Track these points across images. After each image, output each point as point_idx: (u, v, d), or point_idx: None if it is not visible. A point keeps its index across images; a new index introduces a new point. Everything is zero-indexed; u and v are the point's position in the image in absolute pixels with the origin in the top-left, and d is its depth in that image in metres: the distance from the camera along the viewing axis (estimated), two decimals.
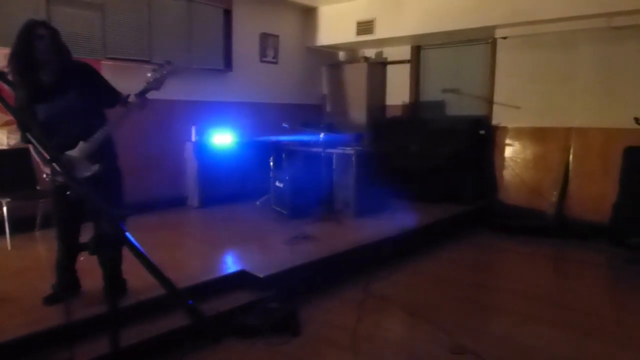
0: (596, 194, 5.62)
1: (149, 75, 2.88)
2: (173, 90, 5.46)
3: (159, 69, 2.89)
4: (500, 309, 3.66)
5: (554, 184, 5.95)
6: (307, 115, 7.15)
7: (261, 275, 3.48)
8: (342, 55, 7.97)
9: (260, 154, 6.09)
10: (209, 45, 6.14)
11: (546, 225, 5.73)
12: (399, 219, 5.21)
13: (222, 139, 6.02)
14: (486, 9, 5.78)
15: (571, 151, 5.90)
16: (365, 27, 6.85)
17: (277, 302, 3.25)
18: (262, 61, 6.88)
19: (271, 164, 5.63)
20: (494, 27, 6.03)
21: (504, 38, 6.19)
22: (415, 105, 7.19)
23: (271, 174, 5.58)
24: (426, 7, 6.28)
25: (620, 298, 3.97)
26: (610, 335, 3.19)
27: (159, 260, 1.19)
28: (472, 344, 3.00)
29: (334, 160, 5.50)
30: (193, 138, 5.86)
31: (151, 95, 2.94)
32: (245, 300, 3.27)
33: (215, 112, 6.26)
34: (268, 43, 6.93)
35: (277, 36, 7.04)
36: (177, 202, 5.89)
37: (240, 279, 3.53)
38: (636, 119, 5.10)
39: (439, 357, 2.89)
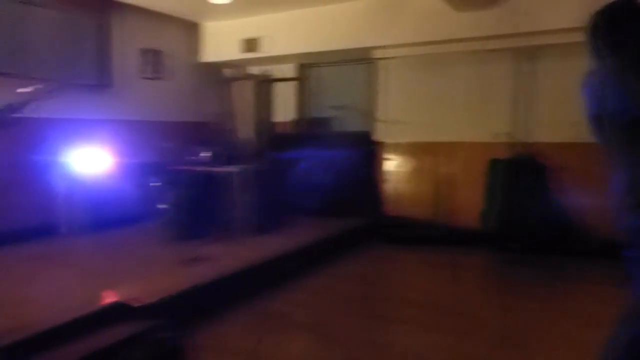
0: (468, 203, 6.11)
1: (21, 91, 2.55)
2: (42, 107, 4.94)
3: (33, 91, 2.56)
4: (395, 319, 3.77)
5: (435, 195, 6.38)
6: (196, 132, 6.91)
7: (145, 304, 3.21)
8: (229, 72, 7.85)
9: (145, 175, 5.72)
10: (84, 59, 5.68)
11: (433, 235, 6.09)
12: (295, 235, 5.21)
13: (100, 159, 5.56)
14: (366, 31, 6.10)
15: (445, 164, 6.38)
16: (250, 44, 6.85)
17: (165, 332, 3.03)
18: (145, 77, 6.53)
19: (155, 185, 5.31)
20: (373, 48, 6.36)
21: (384, 58, 6.56)
22: (304, 122, 7.31)
23: (156, 196, 5.26)
24: (310, 27, 6.46)
25: (501, 299, 4.28)
26: (495, 335, 3.42)
27: (23, 298, 1.02)
28: (369, 357, 3.05)
29: (225, 178, 5.35)
30: (66, 159, 5.33)
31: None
32: (127, 333, 3.00)
33: (92, 130, 5.75)
34: (151, 58, 6.60)
35: (160, 51, 6.74)
36: (46, 230, 5.27)
37: (121, 310, 3.23)
38: (500, 135, 5.70)
39: None
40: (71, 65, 5.52)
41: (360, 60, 6.88)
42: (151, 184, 5.29)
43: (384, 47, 6.26)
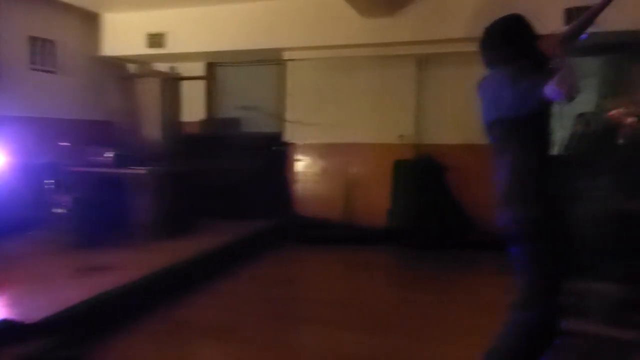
0: (375, 202, 6.34)
1: None
2: None
3: None
4: (306, 319, 3.83)
5: (341, 194, 6.55)
6: (97, 132, 6.48)
7: (34, 321, 2.95)
8: (133, 67, 7.46)
9: (35, 177, 5.25)
10: None
11: (342, 234, 6.24)
12: (202, 238, 5.08)
13: None
14: (274, 32, 6.10)
15: (353, 164, 6.58)
16: (156, 39, 6.57)
17: (63, 350, 2.82)
18: (34, 69, 6.00)
19: (49, 186, 4.92)
20: (282, 49, 6.38)
21: (292, 60, 6.60)
22: (213, 122, 7.16)
23: (50, 199, 4.87)
24: (218, 25, 6.33)
25: (407, 293, 4.47)
26: (403, 328, 3.59)
27: None
28: (281, 359, 3.07)
29: (130, 181, 5.09)
30: None
31: None
32: (19, 355, 2.75)
33: None
34: (40, 48, 6.07)
35: (52, 41, 6.22)
36: None
37: (11, 329, 2.95)
38: (401, 137, 6.00)
39: None
40: None
41: (269, 61, 6.87)
42: (45, 186, 4.88)
43: (293, 48, 6.31)
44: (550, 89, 1.92)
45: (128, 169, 5.12)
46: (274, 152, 6.67)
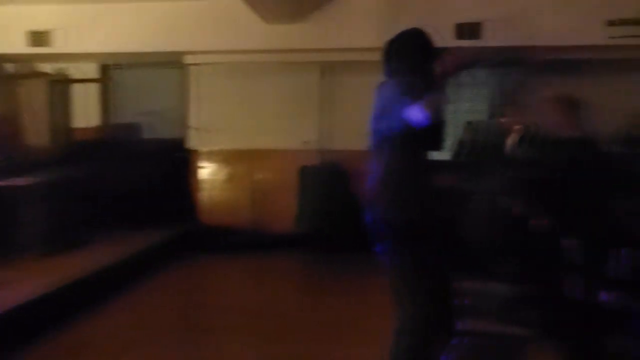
0: (282, 208, 6.32)
1: None
2: None
3: None
4: (213, 329, 3.69)
5: (251, 201, 6.46)
6: None
7: None
8: (12, 67, 6.76)
9: None
10: None
11: (244, 241, 6.13)
12: (101, 251, 4.71)
13: None
14: (175, 34, 5.87)
15: (259, 171, 6.52)
16: (40, 37, 6.01)
17: None
18: None
19: None
20: (184, 53, 6.15)
21: (195, 64, 6.39)
22: (110, 128, 6.70)
23: None
24: (114, 25, 5.95)
25: (314, 298, 4.50)
26: (312, 333, 3.58)
27: None
28: None
29: (11, 192, 4.57)
30: None
31: None
32: None
33: None
34: None
35: None
36: None
37: None
38: (306, 142, 6.07)
39: None
40: None
41: (170, 64, 6.59)
42: None
43: (196, 52, 6.11)
44: (415, 111, 1.97)
45: (10, 180, 4.61)
46: (177, 158, 6.39)
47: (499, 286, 2.33)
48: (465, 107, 6.25)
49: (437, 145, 2.28)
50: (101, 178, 5.76)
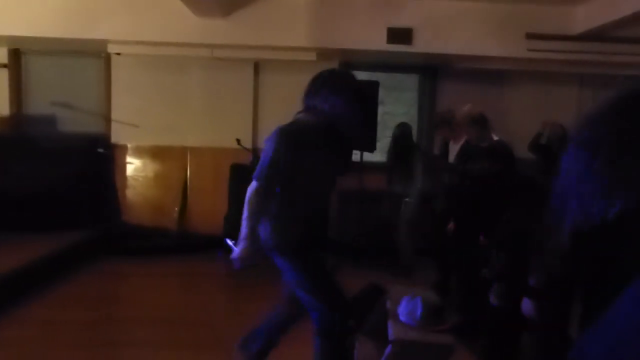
0: (212, 208, 6.11)
1: None
2: None
3: None
4: (125, 343, 3.49)
5: (175, 200, 6.19)
6: None
7: None
8: None
9: None
10: None
11: (169, 243, 5.87)
12: (2, 257, 4.28)
13: None
14: (97, 21, 5.47)
15: (188, 169, 6.27)
16: None
17: None
18: None
19: None
20: (106, 41, 5.76)
21: (118, 54, 6.01)
22: (20, 119, 6.16)
23: None
24: (28, 5, 5.43)
25: (236, 304, 4.39)
26: (233, 343, 3.43)
27: None
28: None
29: None
30: None
31: None
32: None
33: None
34: None
35: None
36: None
37: None
38: (237, 140, 5.89)
39: None
40: None
41: (90, 53, 6.17)
42: None
43: (118, 42, 5.74)
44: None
45: None
46: (97, 154, 5.98)
47: (424, 292, 2.34)
48: (396, 109, 6.35)
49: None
50: (9, 175, 5.27)
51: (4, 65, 6.14)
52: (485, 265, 2.99)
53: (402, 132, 5.19)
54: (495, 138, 3.78)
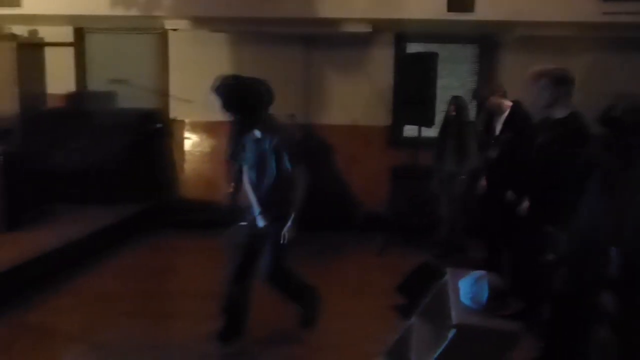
0: None
1: None
2: None
3: None
4: (174, 315, 3.57)
5: (228, 175, 6.25)
6: None
7: None
8: None
9: None
10: None
11: (222, 217, 5.92)
12: (62, 228, 4.50)
13: None
14: None
15: None
16: None
17: None
18: None
19: None
20: (163, 18, 5.82)
21: (174, 30, 6.07)
22: (81, 96, 6.40)
23: None
24: None
25: None
26: (274, 316, 3.46)
27: None
28: None
29: None
30: None
31: None
32: None
33: None
34: None
35: None
36: None
37: None
38: (291, 116, 5.87)
39: None
40: None
41: (145, 29, 6.27)
42: None
43: (176, 18, 5.78)
44: None
45: None
46: (155, 129, 6.14)
47: (489, 275, 2.20)
48: (451, 83, 6.07)
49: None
50: (71, 149, 5.51)
51: (70, 44, 6.37)
52: (550, 248, 2.81)
53: (456, 106, 4.96)
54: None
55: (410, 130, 6.03)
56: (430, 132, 5.32)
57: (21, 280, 3.58)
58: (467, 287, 2.12)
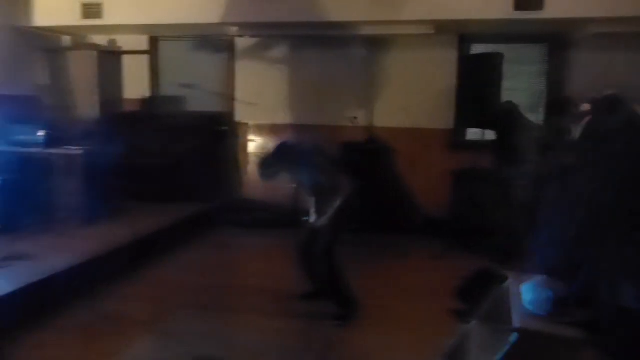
0: None
1: None
2: None
3: None
4: (237, 309, 3.70)
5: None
6: (18, 108, 5.97)
7: None
8: (66, 40, 6.96)
9: None
10: None
11: (282, 218, 6.06)
12: (133, 224, 4.80)
13: None
14: (222, 6, 5.77)
15: None
16: (92, 10, 6.09)
17: None
18: None
19: None
20: (231, 25, 6.07)
21: (241, 36, 6.31)
22: (154, 100, 6.80)
23: None
24: None
25: None
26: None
27: None
28: (217, 351, 2.94)
29: (56, 162, 4.73)
30: None
31: None
32: None
33: None
34: None
35: None
36: None
37: None
38: (354, 118, 5.92)
39: None
40: None
41: (214, 36, 6.55)
42: None
43: (241, 24, 6.02)
44: None
45: (58, 149, 4.77)
46: (221, 132, 6.39)
47: (552, 281, 2.13)
48: (516, 84, 5.87)
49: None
50: (144, 150, 5.87)
51: (144, 52, 6.78)
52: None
53: (505, 111, 4.82)
54: None
55: (472, 134, 5.91)
56: (494, 136, 5.19)
57: (99, 270, 3.86)
58: (530, 293, 2.06)
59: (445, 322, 3.14)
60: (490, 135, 5.21)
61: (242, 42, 6.44)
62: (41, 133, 4.76)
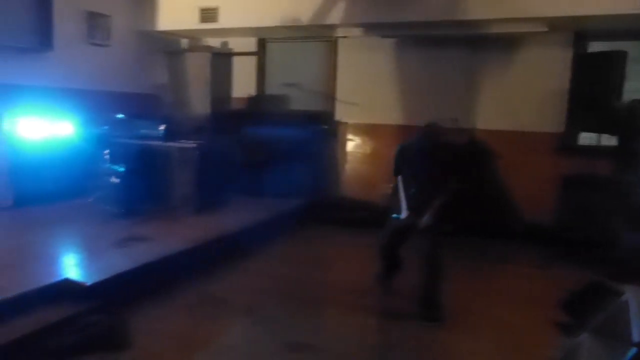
0: None
1: None
2: None
3: None
4: (328, 302, 3.81)
5: (385, 176, 6.39)
6: (140, 105, 6.61)
7: (87, 284, 3.11)
8: (184, 42, 7.56)
9: (91, 147, 5.42)
10: (20, 18, 5.27)
11: (375, 217, 6.06)
12: (237, 215, 5.10)
13: (43, 128, 5.24)
14: (326, 8, 5.94)
15: None
16: (209, 14, 6.57)
17: (99, 315, 2.92)
18: (90, 42, 6.16)
19: (105, 157, 5.07)
20: (335, 26, 6.22)
21: (344, 37, 6.43)
22: (259, 99, 7.15)
23: (104, 169, 5.03)
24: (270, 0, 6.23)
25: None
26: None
27: None
28: (307, 340, 3.06)
29: (173, 154, 5.18)
30: (5, 127, 5.00)
31: None
32: (60, 316, 2.87)
33: (31, 97, 5.41)
34: (97, 23, 6.22)
35: (108, 16, 6.37)
36: None
37: (58, 291, 3.08)
38: (454, 119, 5.76)
39: (276, 356, 2.88)
40: (5, 24, 5.13)
41: (320, 37, 6.74)
42: (103, 157, 5.05)
43: (345, 25, 6.13)
44: None
45: (175, 142, 5.20)
46: (321, 130, 6.56)
47: None
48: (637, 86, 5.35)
49: None
50: (248, 146, 6.19)
51: (253, 53, 7.16)
52: None
53: (630, 111, 4.39)
54: None
55: (585, 138, 5.51)
56: (612, 140, 4.80)
57: (206, 256, 4.17)
58: None
59: (547, 333, 2.98)
60: (606, 139, 4.82)
61: (345, 43, 6.55)
62: (162, 127, 5.20)
